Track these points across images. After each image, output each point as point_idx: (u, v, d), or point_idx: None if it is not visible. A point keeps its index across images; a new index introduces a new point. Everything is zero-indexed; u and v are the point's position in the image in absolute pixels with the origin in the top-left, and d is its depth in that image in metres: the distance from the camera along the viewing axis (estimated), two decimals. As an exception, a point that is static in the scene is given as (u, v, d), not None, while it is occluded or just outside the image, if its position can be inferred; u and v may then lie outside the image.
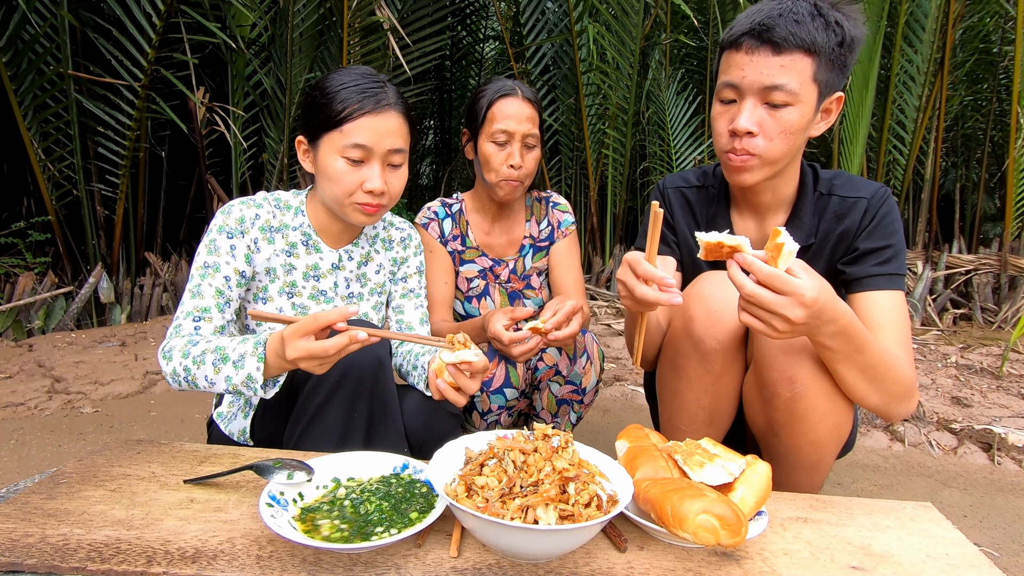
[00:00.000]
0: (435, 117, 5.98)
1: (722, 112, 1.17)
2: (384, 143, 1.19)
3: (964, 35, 4.32)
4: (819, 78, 1.10)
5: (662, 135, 4.35)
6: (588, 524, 0.74)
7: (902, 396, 1.09)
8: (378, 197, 1.21)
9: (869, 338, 1.03)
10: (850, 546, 0.90)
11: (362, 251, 1.38)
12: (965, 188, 5.07)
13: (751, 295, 0.92)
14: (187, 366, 1.07)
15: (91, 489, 0.92)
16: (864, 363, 1.03)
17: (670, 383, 1.28)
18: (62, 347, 2.96)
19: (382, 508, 0.86)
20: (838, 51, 1.10)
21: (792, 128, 1.12)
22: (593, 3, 3.89)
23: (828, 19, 1.08)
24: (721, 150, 1.19)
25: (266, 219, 1.27)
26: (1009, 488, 1.87)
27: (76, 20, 3.35)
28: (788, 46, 1.07)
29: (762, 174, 1.17)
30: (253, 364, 1.02)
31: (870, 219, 1.21)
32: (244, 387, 1.04)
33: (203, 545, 0.79)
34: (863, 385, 1.06)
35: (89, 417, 2.22)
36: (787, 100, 1.10)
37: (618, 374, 2.68)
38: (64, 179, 3.52)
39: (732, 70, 1.13)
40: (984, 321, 3.95)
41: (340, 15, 3.58)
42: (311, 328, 0.94)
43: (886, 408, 1.10)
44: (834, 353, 1.02)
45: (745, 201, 1.31)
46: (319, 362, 0.96)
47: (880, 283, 1.18)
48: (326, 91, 1.20)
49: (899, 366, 1.07)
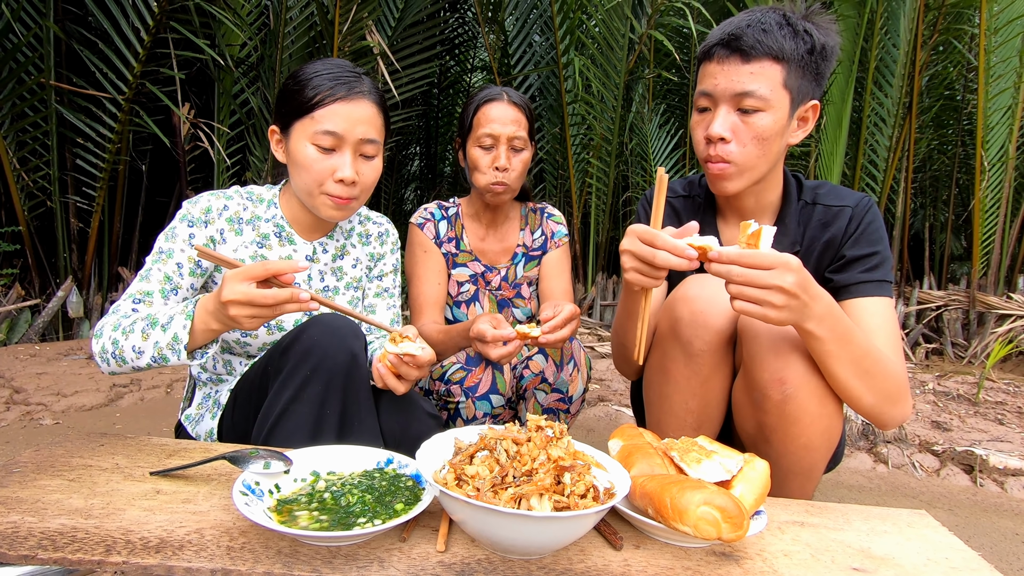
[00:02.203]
0: (421, 143, 6.02)
1: (699, 121, 1.21)
2: (356, 131, 1.17)
3: (930, 82, 4.54)
4: (790, 84, 1.13)
5: (645, 166, 4.43)
6: (586, 512, 0.70)
7: (895, 396, 1.08)
8: (349, 188, 1.18)
9: (853, 326, 1.04)
10: (849, 549, 0.87)
11: (337, 244, 1.35)
12: (933, 227, 5.24)
13: (741, 276, 0.93)
14: (115, 339, 1.03)
15: (47, 479, 0.85)
16: (853, 354, 1.03)
17: (657, 387, 1.26)
18: (24, 359, 2.83)
19: (365, 500, 0.80)
20: (808, 58, 1.13)
21: (765, 133, 1.14)
22: (579, 37, 4.00)
23: (796, 28, 1.13)
24: (700, 158, 1.22)
25: (235, 211, 1.24)
26: (992, 509, 1.87)
27: (62, 31, 3.32)
28: (756, 54, 1.11)
29: (742, 182, 1.20)
30: (180, 322, 0.97)
31: (855, 226, 1.23)
32: (169, 350, 0.98)
33: (168, 535, 0.73)
34: (855, 381, 1.05)
35: (48, 429, 2.09)
36: (758, 106, 1.13)
37: (602, 394, 2.65)
38: (38, 189, 3.43)
39: (706, 80, 1.18)
40: (955, 356, 4.03)
41: (330, 38, 3.62)
42: (256, 273, 0.89)
43: (880, 410, 1.09)
44: (825, 343, 1.01)
45: (730, 209, 1.33)
46: (253, 312, 0.90)
47: (868, 289, 1.19)
48: (299, 78, 1.18)
49: (889, 363, 1.07)
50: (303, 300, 0.91)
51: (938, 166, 5.07)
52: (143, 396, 2.49)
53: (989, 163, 3.92)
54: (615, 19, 3.84)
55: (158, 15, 3.20)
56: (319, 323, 1.10)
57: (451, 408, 1.47)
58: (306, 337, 1.08)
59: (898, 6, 3.74)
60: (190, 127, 3.64)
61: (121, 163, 3.63)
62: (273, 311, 0.91)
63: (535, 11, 4.42)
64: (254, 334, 1.23)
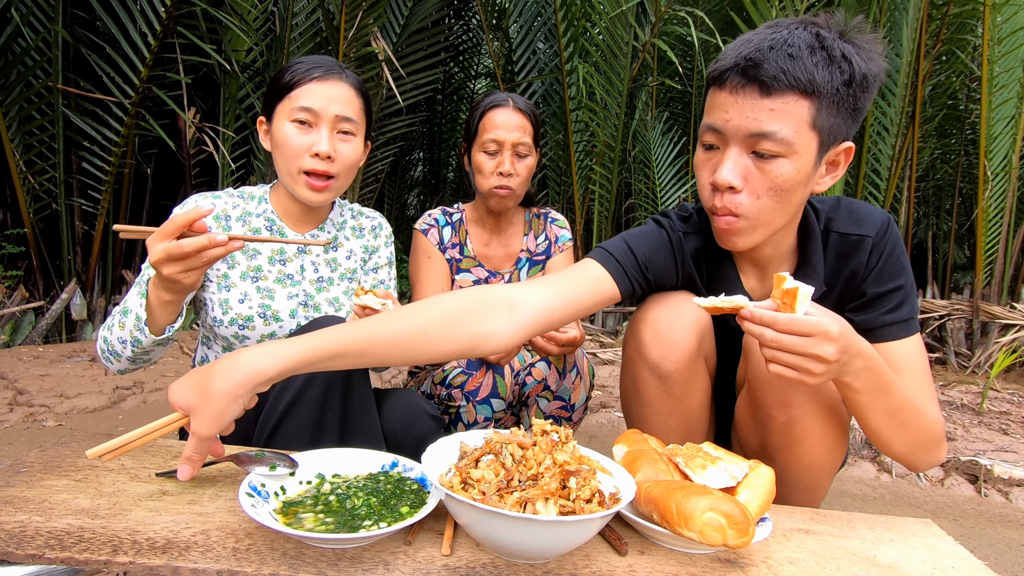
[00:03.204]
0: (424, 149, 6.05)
1: (705, 160, 1.01)
2: (332, 108, 1.21)
3: (933, 91, 4.55)
4: (820, 124, 0.92)
5: (647, 173, 4.44)
6: (592, 517, 0.70)
7: (928, 446, 1.02)
8: (326, 162, 1.20)
9: (893, 378, 0.96)
10: (855, 556, 0.87)
11: (328, 236, 1.37)
12: (937, 237, 5.24)
13: (774, 341, 0.84)
14: (106, 336, 1.10)
15: (54, 479, 0.85)
16: (890, 405, 0.96)
17: (635, 410, 1.21)
18: (27, 360, 2.83)
19: (370, 503, 0.81)
20: (844, 92, 0.91)
21: (784, 184, 0.94)
22: (583, 45, 4.02)
23: (832, 53, 0.90)
24: (706, 207, 1.04)
25: (222, 208, 1.27)
26: (997, 519, 1.87)
27: (70, 36, 3.35)
28: (779, 86, 0.89)
29: (754, 238, 1.02)
30: (137, 302, 1.03)
31: (876, 259, 1.08)
32: (137, 331, 1.03)
33: (175, 536, 0.73)
34: (887, 431, 0.99)
35: (51, 431, 2.10)
36: (778, 151, 0.92)
37: (604, 401, 2.64)
38: (44, 192, 3.44)
39: (715, 112, 0.96)
40: (959, 366, 4.02)
41: (336, 44, 3.64)
42: (168, 231, 0.89)
43: (911, 457, 1.04)
44: (860, 395, 0.94)
45: (743, 257, 1.16)
46: (181, 266, 0.92)
47: (895, 332, 1.08)
48: (282, 69, 1.25)
49: (926, 415, 1.00)
50: (221, 242, 0.92)
51: (941, 175, 5.08)
52: (146, 398, 2.49)
53: (992, 173, 3.92)
54: (619, 27, 3.86)
55: (165, 20, 3.23)
56: (318, 325, 1.11)
57: (452, 412, 1.47)
58: None
59: (901, 16, 3.75)
60: (195, 131, 3.66)
61: (126, 166, 3.65)
62: (199, 259, 0.92)
63: (539, 19, 4.45)
64: (251, 326, 1.24)
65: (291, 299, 1.29)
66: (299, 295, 1.30)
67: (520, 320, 0.98)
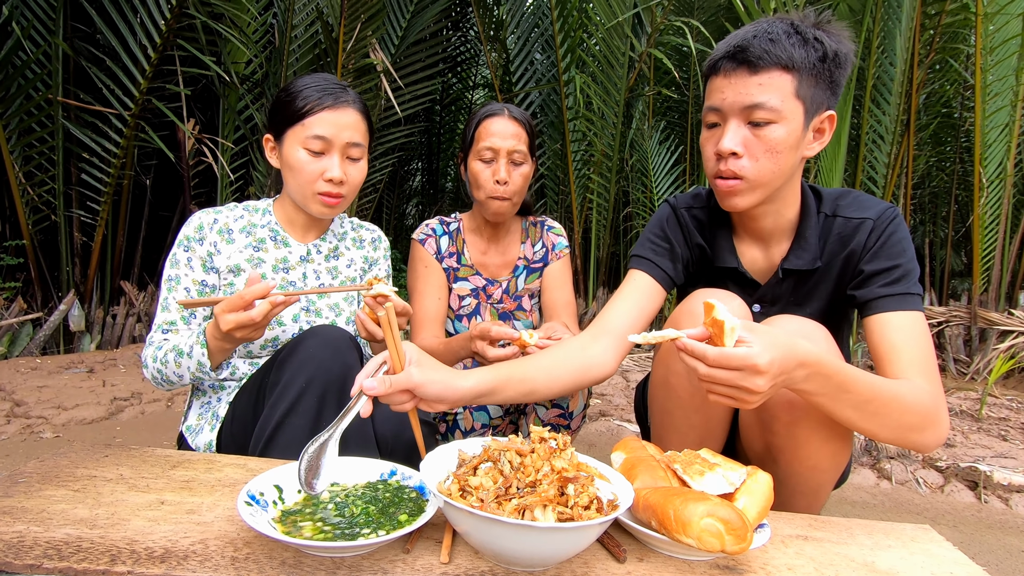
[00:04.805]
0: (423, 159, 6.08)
1: (708, 137, 1.16)
2: (343, 135, 1.28)
3: (928, 99, 4.59)
4: (802, 94, 1.08)
5: (645, 182, 4.46)
6: (590, 523, 0.70)
7: (919, 426, 1.01)
8: (338, 187, 1.29)
9: (853, 374, 0.96)
10: (853, 563, 0.87)
11: (330, 245, 1.43)
12: (933, 243, 5.26)
13: (707, 376, 0.88)
14: (159, 368, 1.21)
15: (52, 489, 0.85)
16: (855, 400, 0.96)
17: (660, 402, 1.25)
18: (25, 372, 2.83)
19: (368, 512, 0.81)
20: (820, 66, 1.08)
21: (778, 146, 1.09)
22: (580, 55, 4.06)
23: (806, 36, 1.07)
24: (710, 175, 1.17)
25: (224, 222, 1.33)
26: (997, 525, 1.86)
27: (70, 49, 3.37)
28: (764, 64, 1.06)
29: (752, 198, 1.14)
30: (199, 351, 1.15)
31: (875, 240, 1.15)
32: (200, 372, 1.17)
33: (173, 546, 0.73)
34: (864, 424, 0.99)
35: (49, 442, 2.09)
36: (769, 118, 1.07)
37: (604, 409, 2.64)
38: (43, 203, 3.45)
39: (714, 94, 1.13)
40: (957, 372, 4.02)
41: (335, 56, 3.67)
42: (237, 305, 1.04)
43: (903, 441, 1.02)
44: (817, 397, 0.96)
45: (745, 229, 1.27)
46: (250, 329, 1.07)
47: (890, 304, 1.10)
48: (290, 91, 1.30)
49: (904, 396, 0.99)
50: (281, 302, 1.08)
51: (937, 183, 5.10)
52: (144, 410, 2.49)
53: (987, 180, 3.95)
54: (615, 38, 3.90)
55: (165, 33, 3.25)
56: (315, 335, 1.13)
57: (449, 420, 1.47)
58: (302, 350, 1.11)
59: (894, 25, 3.79)
60: (195, 142, 3.67)
61: (126, 178, 3.66)
62: (265, 319, 1.07)
63: (537, 30, 4.49)
64: None
65: (293, 305, 1.31)
66: (302, 300, 1.35)
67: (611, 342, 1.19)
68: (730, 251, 1.27)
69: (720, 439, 1.25)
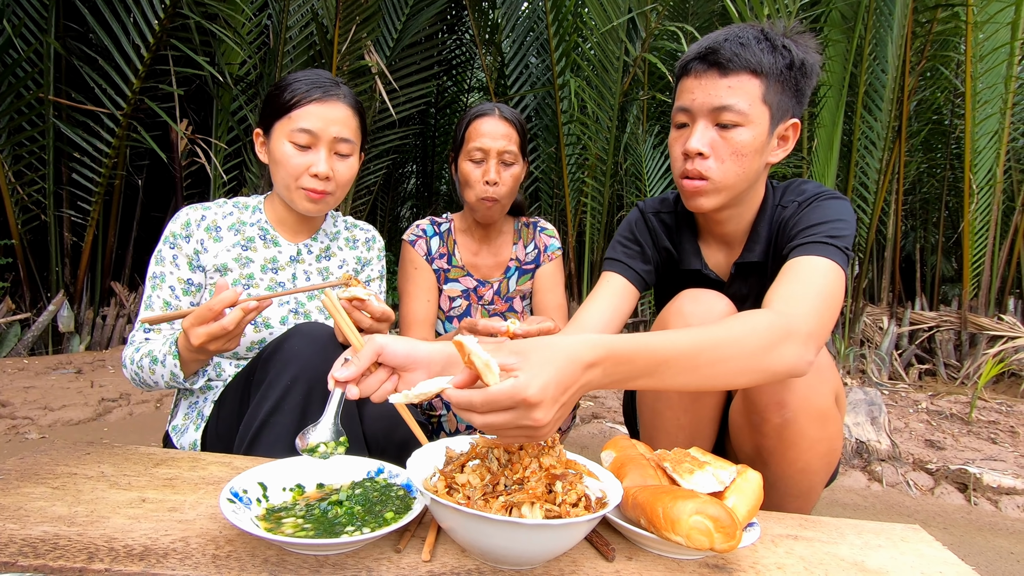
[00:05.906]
0: (417, 162, 6.07)
1: (676, 137, 1.18)
2: (330, 130, 1.24)
3: (918, 106, 4.62)
4: (769, 100, 1.10)
5: (639, 186, 4.47)
6: (578, 520, 0.69)
7: (764, 348, 0.87)
8: (323, 182, 1.25)
9: (663, 340, 0.81)
10: (843, 562, 0.86)
11: (321, 245, 1.40)
12: (924, 249, 5.30)
13: (483, 424, 0.71)
14: (135, 371, 1.18)
15: (31, 486, 0.84)
16: (683, 364, 0.81)
17: (650, 402, 1.25)
18: (12, 373, 2.79)
19: (354, 509, 0.79)
20: (787, 73, 1.10)
21: (743, 149, 1.11)
22: (575, 59, 4.07)
23: (775, 43, 1.10)
24: (677, 175, 1.19)
25: (212, 219, 1.30)
26: (987, 528, 1.87)
27: (62, 48, 3.35)
28: (734, 67, 1.08)
29: (717, 200, 1.15)
30: (171, 362, 1.11)
31: (802, 210, 1.17)
32: (174, 381, 1.14)
33: (153, 543, 0.72)
34: (712, 381, 0.85)
35: (34, 443, 2.06)
36: (736, 120, 1.09)
37: (596, 411, 2.63)
38: (33, 203, 3.42)
39: (684, 95, 1.15)
40: (948, 376, 4.04)
41: (329, 58, 3.66)
42: (206, 317, 0.99)
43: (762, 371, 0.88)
44: (633, 382, 0.81)
45: (709, 232, 1.29)
46: (223, 340, 1.02)
47: (803, 250, 1.06)
48: (280, 84, 1.27)
49: (734, 326, 0.87)
50: (253, 307, 1.02)
51: (928, 189, 5.14)
52: (132, 411, 2.46)
53: (977, 186, 3.98)
54: (610, 42, 3.91)
55: (159, 33, 3.24)
56: (300, 333, 1.11)
57: (434, 422, 1.46)
58: (287, 347, 1.09)
59: (886, 33, 3.82)
60: (188, 143, 3.65)
61: (117, 178, 3.63)
62: (238, 328, 1.02)
63: (532, 33, 4.50)
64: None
65: (282, 306, 1.29)
66: (290, 302, 1.31)
67: None
68: (695, 253, 1.29)
69: (709, 440, 1.25)
